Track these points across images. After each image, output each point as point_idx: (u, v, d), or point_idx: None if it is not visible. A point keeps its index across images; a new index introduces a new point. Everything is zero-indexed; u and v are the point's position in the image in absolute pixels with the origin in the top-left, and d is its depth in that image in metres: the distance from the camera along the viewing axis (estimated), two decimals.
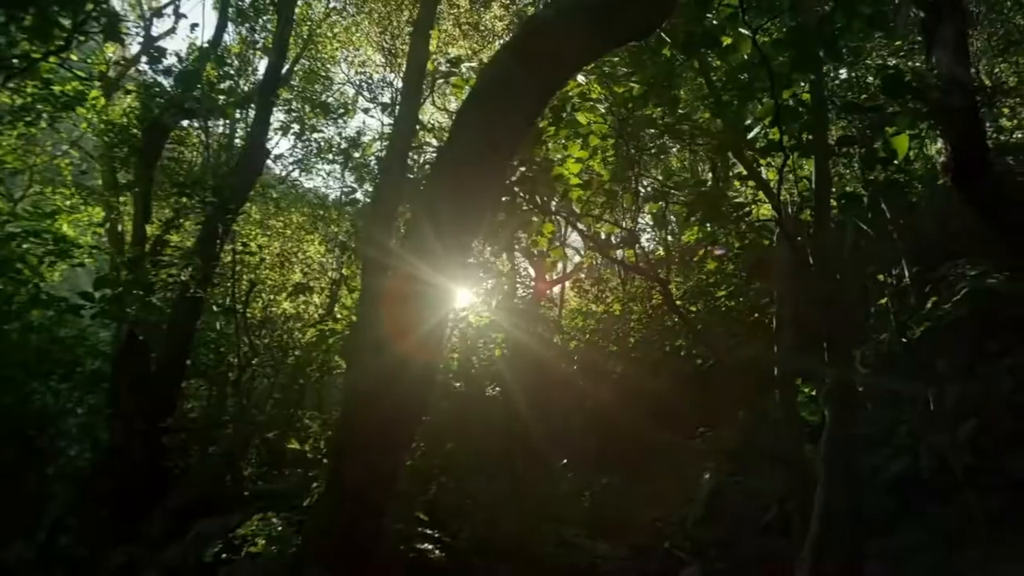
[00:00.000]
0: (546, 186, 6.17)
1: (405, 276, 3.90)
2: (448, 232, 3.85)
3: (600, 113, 6.32)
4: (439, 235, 3.85)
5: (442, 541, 5.92)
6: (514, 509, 7.71)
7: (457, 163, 3.98)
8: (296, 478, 7.08)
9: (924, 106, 5.88)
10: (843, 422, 6.41)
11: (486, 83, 4.16)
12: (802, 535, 5.96)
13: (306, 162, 14.71)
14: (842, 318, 6.81)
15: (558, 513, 8.10)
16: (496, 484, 8.42)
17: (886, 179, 6.05)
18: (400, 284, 3.96)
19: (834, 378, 6.54)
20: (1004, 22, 11.96)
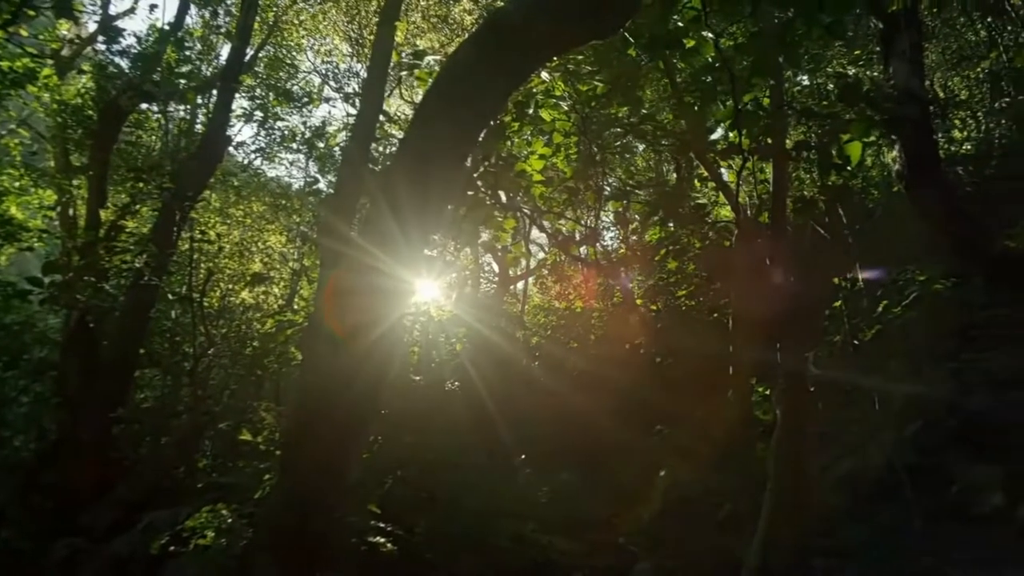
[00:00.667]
0: (509, 182, 6.17)
1: (364, 267, 3.88)
2: (410, 221, 3.84)
3: (563, 111, 6.35)
4: (401, 224, 3.84)
5: (395, 535, 5.89)
6: (471, 504, 7.71)
7: (418, 153, 3.97)
8: (250, 470, 6.96)
9: (878, 114, 6.03)
10: (794, 421, 6.58)
11: (448, 76, 4.15)
12: (753, 531, 6.10)
13: (269, 150, 14.47)
14: (796, 319, 6.98)
15: (515, 508, 8.12)
16: (454, 478, 8.41)
17: (840, 184, 6.20)
18: (359, 275, 3.93)
19: (786, 378, 6.70)
20: (957, 37, 12.34)
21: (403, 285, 4.10)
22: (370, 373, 4.06)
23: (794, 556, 5.91)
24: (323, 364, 4.05)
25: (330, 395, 4.01)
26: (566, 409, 10.74)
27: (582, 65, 6.39)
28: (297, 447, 4.30)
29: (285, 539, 4.05)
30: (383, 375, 4.23)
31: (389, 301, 4.23)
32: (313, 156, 14.26)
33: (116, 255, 9.19)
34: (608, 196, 8.52)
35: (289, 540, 4.03)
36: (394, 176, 4.02)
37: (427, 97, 4.16)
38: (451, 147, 3.98)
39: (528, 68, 4.35)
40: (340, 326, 4.01)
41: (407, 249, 3.97)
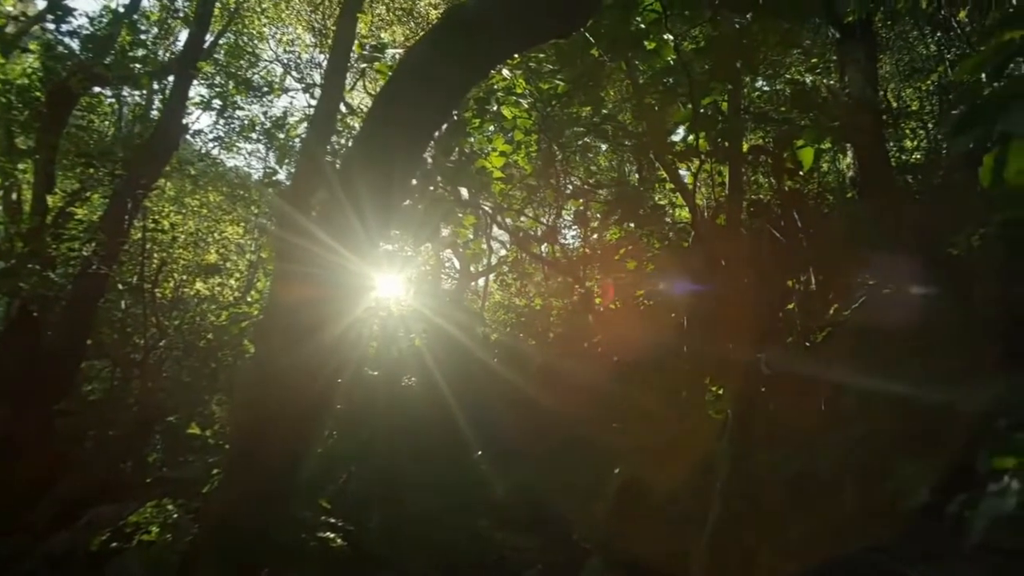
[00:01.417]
0: (469, 178, 6.16)
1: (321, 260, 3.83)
2: (368, 212, 3.81)
3: (524, 108, 6.36)
4: (359, 215, 3.80)
5: (346, 530, 5.83)
6: (426, 499, 7.68)
7: (377, 143, 3.95)
8: (200, 464, 6.82)
9: (831, 122, 6.19)
10: (745, 420, 6.72)
11: (407, 67, 4.13)
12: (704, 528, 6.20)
13: (228, 140, 14.15)
14: (749, 320, 7.12)
15: (470, 504, 8.13)
16: (410, 474, 8.37)
17: (794, 189, 6.34)
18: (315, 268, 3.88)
19: (738, 378, 6.83)
20: (909, 50, 12.70)
21: (361, 279, 4.07)
22: (325, 370, 4.02)
23: (742, 553, 6.03)
24: (277, 360, 3.99)
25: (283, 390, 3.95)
26: (525, 406, 10.76)
27: (543, 64, 6.41)
28: (247, 442, 4.23)
29: (232, 535, 3.99)
30: (339, 372, 4.19)
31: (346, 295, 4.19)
32: (273, 147, 14.01)
33: (64, 242, 8.90)
34: (568, 195, 8.57)
35: (236, 536, 3.96)
36: (352, 166, 3.98)
37: (386, 87, 4.14)
38: (410, 138, 3.96)
39: (487, 63, 4.35)
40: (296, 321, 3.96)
41: (366, 241, 3.94)
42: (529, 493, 9.05)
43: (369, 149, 3.98)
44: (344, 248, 3.86)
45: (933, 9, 9.19)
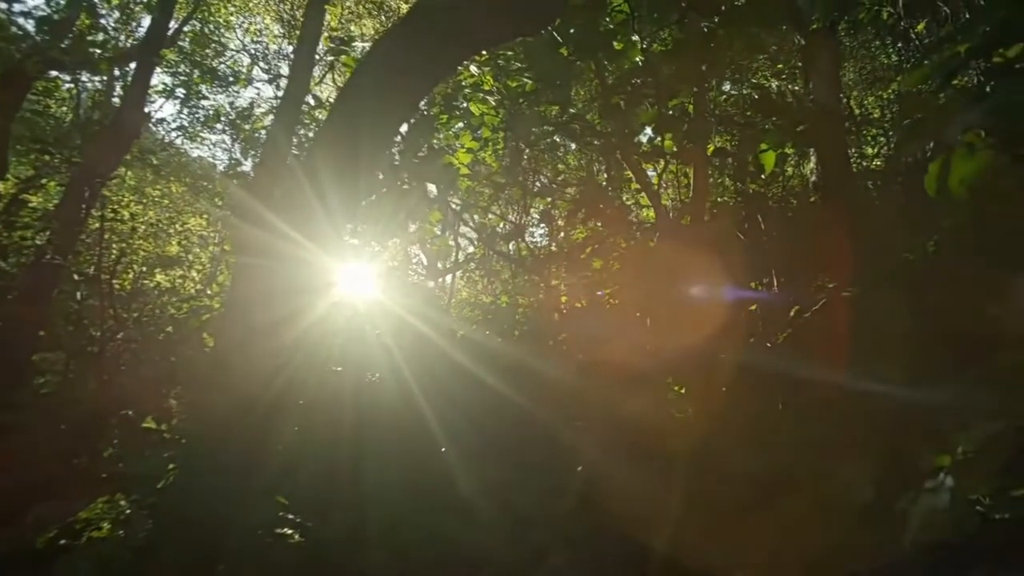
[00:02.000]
0: (435, 174, 6.14)
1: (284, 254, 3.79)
2: (333, 202, 3.79)
3: (492, 106, 6.36)
4: (324, 205, 3.78)
5: (304, 527, 5.77)
6: (386, 496, 7.63)
7: (343, 133, 3.94)
8: (156, 459, 6.68)
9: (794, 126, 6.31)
10: (705, 420, 6.83)
11: (373, 61, 4.12)
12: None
13: (192, 130, 13.88)
14: (711, 320, 7.22)
15: (431, 501, 8.08)
16: (371, 470, 8.30)
17: (756, 192, 6.45)
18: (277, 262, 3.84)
19: (700, 377, 6.94)
20: (872, 59, 13.00)
21: (325, 272, 4.05)
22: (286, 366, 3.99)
23: (699, 550, 6.12)
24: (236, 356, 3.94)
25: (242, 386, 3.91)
26: (491, 403, 10.75)
27: (511, 61, 6.42)
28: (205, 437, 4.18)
29: (187, 531, 3.94)
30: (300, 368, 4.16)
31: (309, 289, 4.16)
32: (239, 138, 13.79)
33: (16, 231, 8.65)
34: (534, 193, 8.59)
35: (191, 532, 3.92)
36: (317, 157, 3.96)
37: (353, 79, 4.12)
38: (375, 130, 3.95)
39: (454, 58, 4.35)
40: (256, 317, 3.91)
41: (331, 233, 3.92)
42: (492, 490, 9.04)
43: (334, 140, 3.96)
44: (308, 240, 3.83)
45: (893, 21, 9.42)
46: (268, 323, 3.85)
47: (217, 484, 3.92)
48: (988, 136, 1.90)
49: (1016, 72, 2.31)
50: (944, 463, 2.35)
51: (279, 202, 4.05)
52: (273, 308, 3.86)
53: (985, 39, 2.16)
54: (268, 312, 3.84)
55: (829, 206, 8.69)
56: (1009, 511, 2.84)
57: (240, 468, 4.06)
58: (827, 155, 8.22)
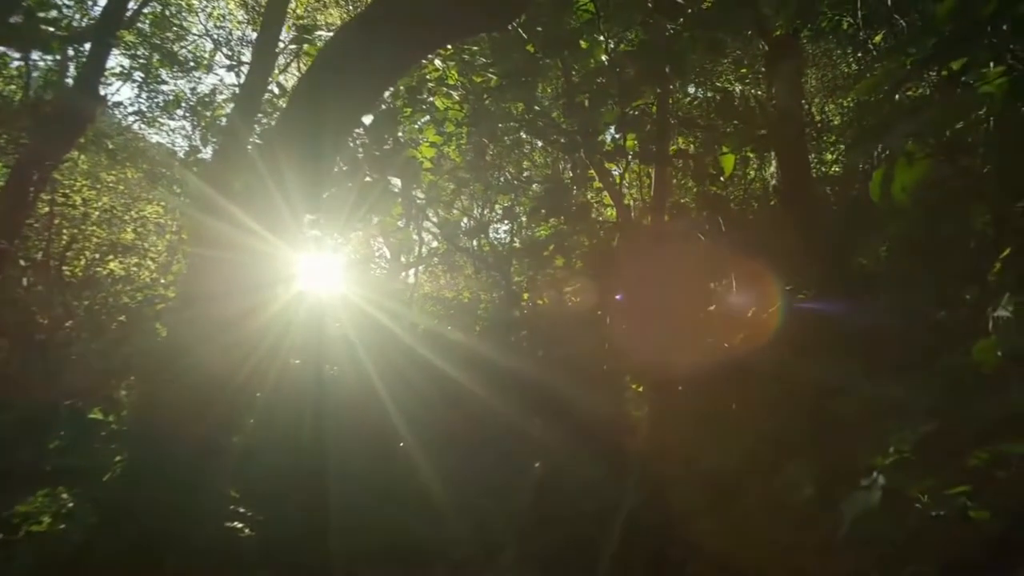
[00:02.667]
0: (398, 168, 6.09)
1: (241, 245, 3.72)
2: (293, 190, 3.73)
3: (456, 100, 6.34)
4: (284, 194, 3.72)
5: (256, 520, 5.69)
6: (342, 488, 7.57)
7: (305, 118, 3.89)
8: (103, 452, 6.52)
9: (754, 130, 6.43)
10: (662, 418, 6.91)
11: (335, 49, 4.07)
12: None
13: (150, 114, 13.51)
14: (669, 320, 7.31)
15: (388, 494, 8.06)
16: (331, 464, 8.22)
17: (715, 194, 6.56)
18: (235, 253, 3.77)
19: (655, 377, 7.01)
20: (833, 67, 13.29)
21: (284, 264, 4.00)
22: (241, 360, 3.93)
23: (652, 546, 6.20)
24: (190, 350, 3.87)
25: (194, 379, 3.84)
26: (451, 398, 10.73)
27: (477, 56, 6.39)
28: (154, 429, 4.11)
29: (132, 524, 3.86)
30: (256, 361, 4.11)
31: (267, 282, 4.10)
32: (200, 125, 13.48)
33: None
34: (497, 189, 8.59)
35: (137, 525, 3.84)
36: (277, 145, 3.89)
37: (314, 66, 4.07)
38: (336, 119, 3.91)
39: (417, 50, 4.32)
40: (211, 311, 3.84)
41: (291, 223, 3.86)
42: (450, 485, 9.04)
43: (295, 129, 3.90)
44: (267, 232, 3.77)
45: (853, 31, 9.64)
46: (225, 317, 3.79)
47: (166, 477, 3.85)
48: (927, 145, 1.96)
49: (959, 84, 2.38)
50: (881, 462, 2.43)
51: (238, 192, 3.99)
52: (230, 302, 3.79)
53: (931, 52, 2.22)
54: (225, 306, 3.78)
55: (788, 210, 8.85)
56: (945, 509, 2.93)
57: (190, 461, 3.98)
58: (787, 159, 8.37)
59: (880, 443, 2.51)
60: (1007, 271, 3.11)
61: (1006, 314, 2.13)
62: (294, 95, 4.20)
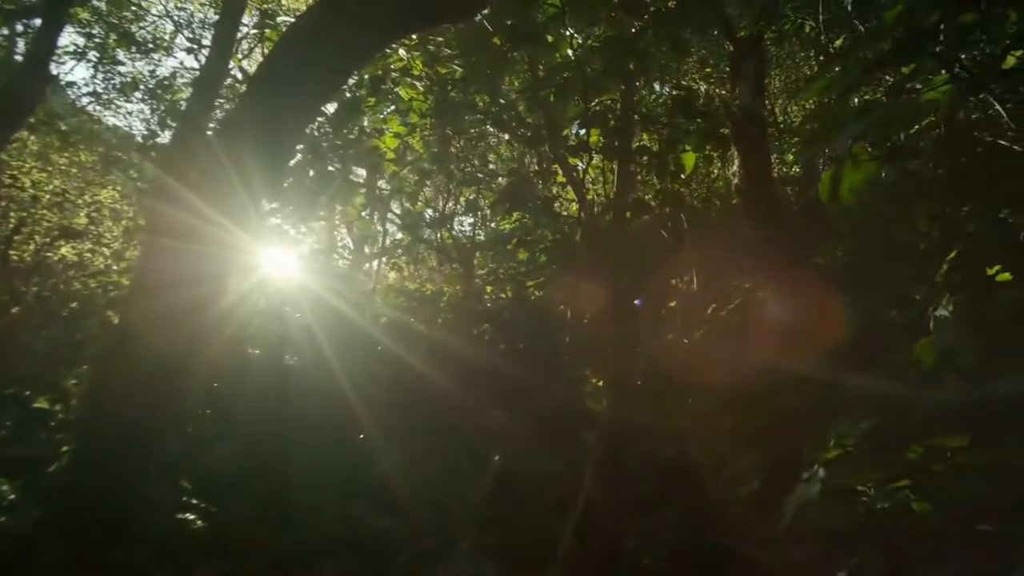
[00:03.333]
0: (360, 157, 6.02)
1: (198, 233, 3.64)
2: (253, 175, 3.66)
3: (420, 91, 6.28)
4: (243, 180, 3.65)
5: (209, 512, 5.60)
6: (301, 480, 7.50)
7: (266, 103, 3.81)
8: (49, 442, 6.34)
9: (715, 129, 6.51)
10: (619, 412, 6.97)
11: (296, 34, 4.00)
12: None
13: (106, 96, 13.09)
14: (628, 316, 7.37)
15: (348, 486, 8.00)
16: (286, 454, 8.14)
17: (676, 191, 6.63)
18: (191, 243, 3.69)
19: (614, 371, 7.08)
20: (796, 69, 13.51)
21: (243, 253, 3.93)
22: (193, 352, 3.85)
23: (608, 537, 6.27)
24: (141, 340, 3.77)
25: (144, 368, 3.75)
26: (412, 390, 10.70)
27: (442, 48, 6.34)
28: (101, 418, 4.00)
29: (80, 516, 3.76)
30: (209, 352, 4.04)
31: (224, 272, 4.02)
32: (159, 108, 13.12)
33: None
34: (460, 181, 8.56)
35: (84, 517, 3.74)
36: (237, 129, 3.81)
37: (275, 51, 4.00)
38: (297, 104, 3.85)
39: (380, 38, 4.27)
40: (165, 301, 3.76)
41: (250, 211, 3.79)
42: (409, 477, 9.02)
43: (255, 113, 3.82)
44: (226, 220, 3.69)
45: (815, 34, 9.82)
46: (181, 306, 3.70)
47: (114, 468, 3.76)
48: (873, 147, 2.01)
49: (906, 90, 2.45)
50: (825, 456, 2.50)
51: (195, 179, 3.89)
52: (186, 291, 3.71)
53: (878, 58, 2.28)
54: (181, 295, 3.69)
55: (750, 208, 8.98)
56: (889, 502, 3.03)
57: (136, 451, 3.89)
58: (749, 159, 8.49)
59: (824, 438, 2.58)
60: (953, 272, 3.22)
61: (945, 314, 2.20)
62: (254, 80, 4.12)
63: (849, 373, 4.84)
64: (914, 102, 2.08)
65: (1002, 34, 2.50)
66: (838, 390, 4.48)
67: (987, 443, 2.52)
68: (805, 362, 5.91)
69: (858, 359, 5.26)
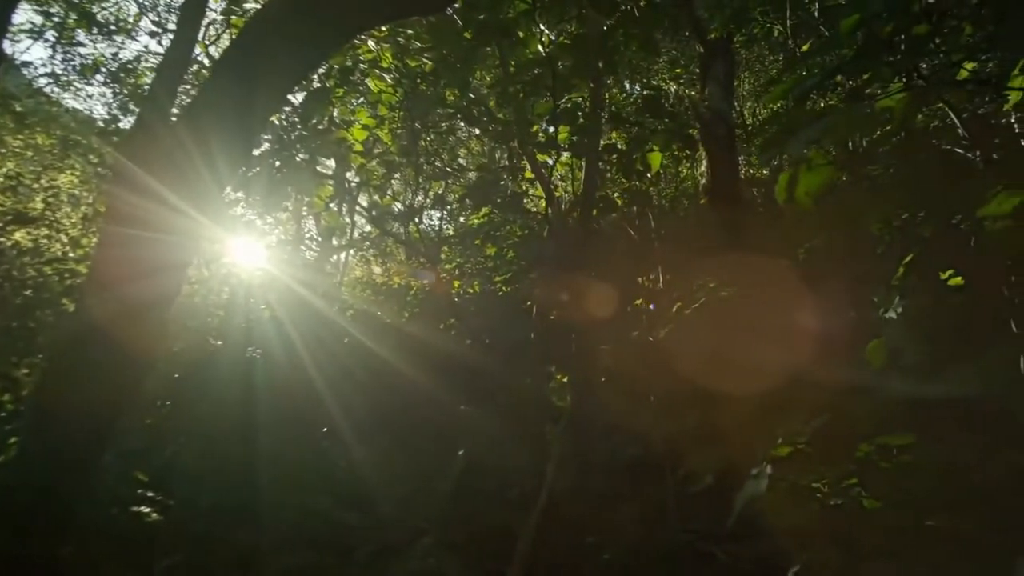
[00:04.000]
0: (327, 148, 5.96)
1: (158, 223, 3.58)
2: (219, 161, 3.61)
3: (390, 84, 6.24)
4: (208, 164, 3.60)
5: (166, 504, 5.51)
6: (263, 475, 7.42)
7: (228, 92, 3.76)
8: None
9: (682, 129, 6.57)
10: (584, 409, 7.03)
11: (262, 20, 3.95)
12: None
13: (65, 77, 12.73)
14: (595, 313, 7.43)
15: (310, 481, 7.94)
16: (248, 448, 8.03)
17: (642, 190, 6.70)
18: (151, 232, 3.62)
19: (579, 368, 7.14)
20: (765, 72, 13.73)
21: (206, 243, 3.86)
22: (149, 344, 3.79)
23: (570, 532, 6.33)
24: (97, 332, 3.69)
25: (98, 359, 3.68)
26: (378, 384, 10.64)
27: (412, 41, 6.30)
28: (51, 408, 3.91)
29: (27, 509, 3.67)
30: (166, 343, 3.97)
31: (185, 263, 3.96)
32: (122, 92, 12.80)
33: None
34: (429, 175, 8.52)
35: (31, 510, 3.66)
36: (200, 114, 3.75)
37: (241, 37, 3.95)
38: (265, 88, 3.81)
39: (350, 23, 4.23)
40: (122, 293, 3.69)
41: (215, 200, 3.74)
42: (373, 471, 8.98)
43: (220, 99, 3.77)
44: (189, 206, 3.64)
45: (784, 38, 9.99)
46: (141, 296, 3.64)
47: (64, 460, 3.68)
48: (827, 152, 2.06)
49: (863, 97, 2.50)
50: (775, 453, 2.56)
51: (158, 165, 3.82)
52: (146, 281, 3.65)
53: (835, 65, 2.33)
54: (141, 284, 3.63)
55: (716, 209, 9.10)
56: (842, 499, 3.12)
57: (87, 442, 3.82)
58: (716, 159, 8.60)
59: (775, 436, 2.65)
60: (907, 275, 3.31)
61: (892, 315, 2.26)
62: (222, 62, 4.06)
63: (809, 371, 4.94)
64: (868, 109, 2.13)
65: (957, 46, 2.57)
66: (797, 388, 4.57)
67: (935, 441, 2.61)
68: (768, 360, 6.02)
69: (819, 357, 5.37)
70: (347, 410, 10.64)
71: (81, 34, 12.08)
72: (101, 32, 12.14)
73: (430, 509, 7.93)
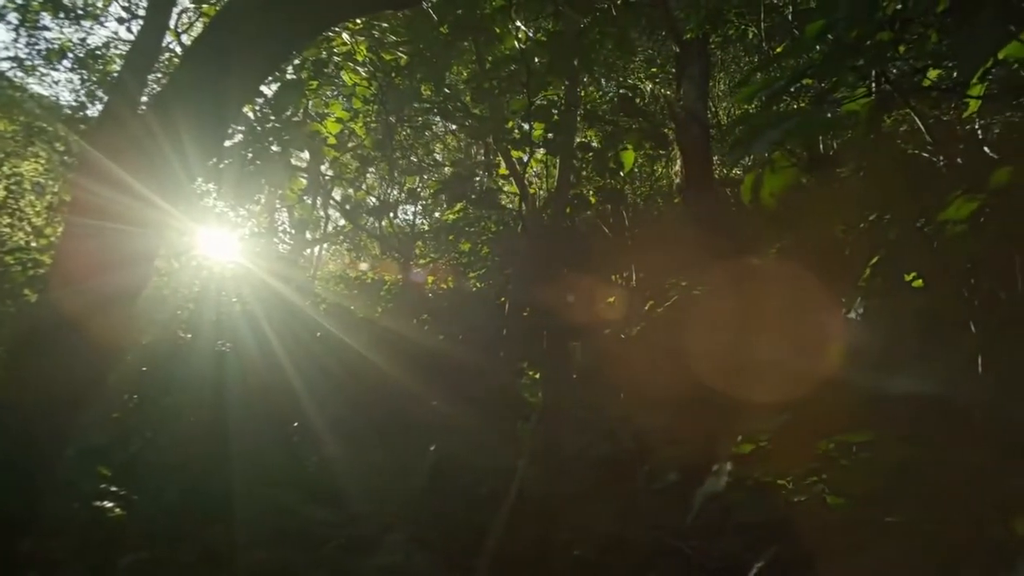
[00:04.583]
0: (300, 141, 5.90)
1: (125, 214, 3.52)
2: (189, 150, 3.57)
3: (364, 77, 6.20)
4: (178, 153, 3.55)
5: (130, 499, 5.42)
6: (231, 470, 7.32)
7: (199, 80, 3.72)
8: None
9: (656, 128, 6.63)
10: (555, 405, 7.07)
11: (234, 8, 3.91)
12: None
13: (29, 62, 12.42)
14: (567, 310, 7.48)
15: (280, 477, 7.85)
16: (217, 443, 7.93)
17: (615, 188, 6.74)
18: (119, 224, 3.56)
19: (552, 364, 7.17)
20: (740, 73, 13.87)
21: (175, 234, 3.82)
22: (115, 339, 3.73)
23: (540, 529, 6.34)
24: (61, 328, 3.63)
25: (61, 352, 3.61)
26: (351, 379, 10.57)
27: (387, 34, 6.26)
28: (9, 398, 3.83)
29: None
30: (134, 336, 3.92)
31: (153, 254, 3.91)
32: (89, 79, 12.53)
33: None
34: (403, 170, 8.49)
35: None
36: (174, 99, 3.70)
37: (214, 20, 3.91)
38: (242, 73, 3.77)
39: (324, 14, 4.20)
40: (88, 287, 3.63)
41: (186, 185, 3.70)
42: (344, 467, 8.92)
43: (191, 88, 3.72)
44: (158, 197, 3.59)
45: (758, 41, 10.10)
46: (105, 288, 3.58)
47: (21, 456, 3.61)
48: (791, 155, 2.10)
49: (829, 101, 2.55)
50: (736, 451, 2.60)
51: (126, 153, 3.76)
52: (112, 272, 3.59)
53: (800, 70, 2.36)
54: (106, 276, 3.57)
55: (690, 208, 9.18)
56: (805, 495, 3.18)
57: (54, 438, 3.76)
58: (691, 159, 8.67)
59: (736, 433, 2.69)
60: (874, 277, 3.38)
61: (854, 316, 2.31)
62: (195, 49, 4.01)
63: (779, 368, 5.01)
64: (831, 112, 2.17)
65: (923, 52, 2.62)
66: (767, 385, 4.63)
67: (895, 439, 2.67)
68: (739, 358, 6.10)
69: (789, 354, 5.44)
70: (319, 405, 10.55)
71: (47, 18, 11.79)
72: (68, 16, 11.86)
73: (400, 504, 7.89)
